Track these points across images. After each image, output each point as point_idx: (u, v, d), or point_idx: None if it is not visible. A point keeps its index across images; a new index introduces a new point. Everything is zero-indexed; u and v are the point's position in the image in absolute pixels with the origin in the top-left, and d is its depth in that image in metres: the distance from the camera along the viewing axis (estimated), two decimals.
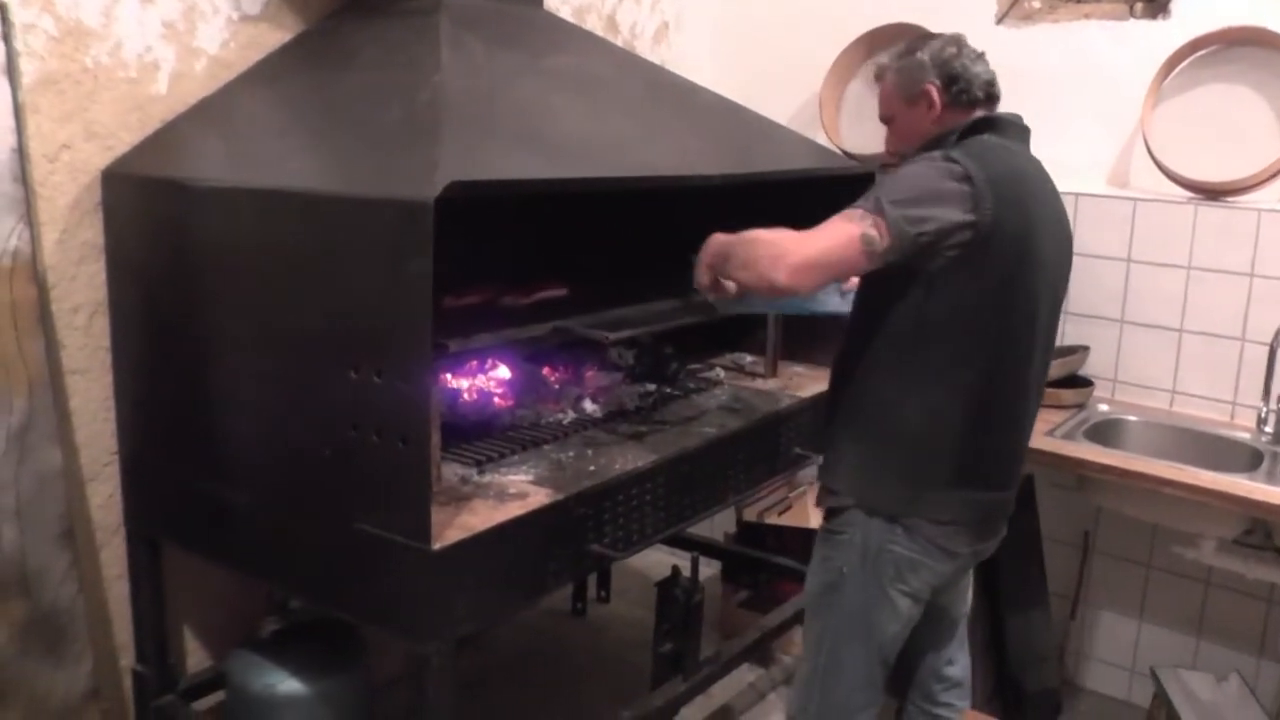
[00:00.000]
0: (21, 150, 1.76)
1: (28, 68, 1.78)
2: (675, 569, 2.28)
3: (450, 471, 1.79)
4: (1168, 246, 2.57)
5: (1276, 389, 2.41)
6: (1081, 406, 2.63)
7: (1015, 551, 2.08)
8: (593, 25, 2.92)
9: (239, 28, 2.07)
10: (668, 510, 1.94)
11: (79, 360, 1.94)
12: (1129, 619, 2.79)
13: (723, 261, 1.65)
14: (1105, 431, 2.53)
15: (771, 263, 1.57)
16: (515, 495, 1.72)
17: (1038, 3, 2.76)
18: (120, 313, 1.94)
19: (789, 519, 2.91)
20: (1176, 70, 2.57)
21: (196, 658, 2.24)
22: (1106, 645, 2.84)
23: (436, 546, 1.50)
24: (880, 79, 1.86)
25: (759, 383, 2.48)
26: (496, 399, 2.12)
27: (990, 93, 1.78)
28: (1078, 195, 2.63)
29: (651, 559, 2.95)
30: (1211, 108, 2.55)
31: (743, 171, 2.11)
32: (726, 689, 2.67)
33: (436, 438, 1.64)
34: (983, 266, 1.63)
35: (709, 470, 2.05)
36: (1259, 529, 2.34)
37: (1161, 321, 2.62)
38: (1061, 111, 2.67)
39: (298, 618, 2.10)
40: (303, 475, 1.67)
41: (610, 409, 2.19)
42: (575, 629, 3.00)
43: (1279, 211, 2.44)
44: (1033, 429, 1.85)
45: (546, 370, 2.32)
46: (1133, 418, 2.61)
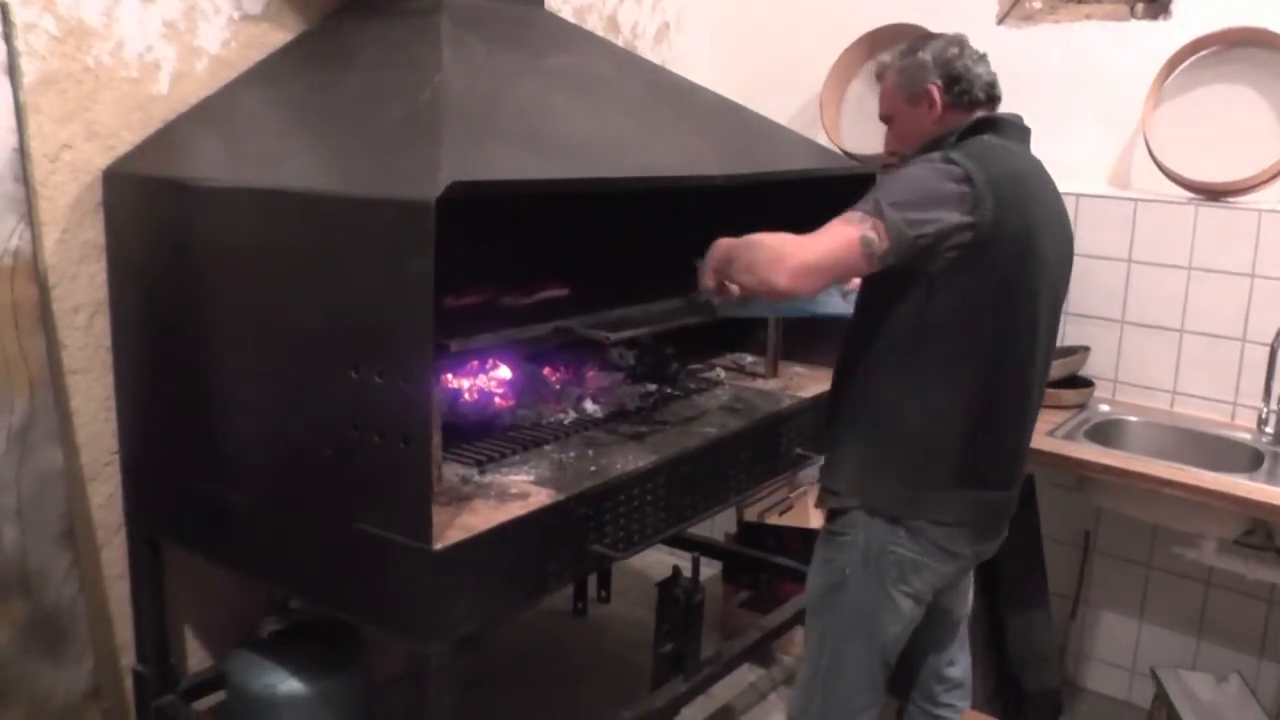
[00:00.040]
0: (23, 150, 1.76)
1: (29, 67, 1.78)
2: (676, 569, 2.28)
3: (451, 471, 1.79)
4: (1168, 247, 2.57)
5: (1277, 389, 2.40)
6: (1082, 407, 2.63)
7: (1016, 552, 2.08)
8: (593, 25, 2.92)
9: (240, 27, 2.07)
10: (668, 510, 1.94)
11: (80, 360, 1.94)
12: (1129, 619, 2.79)
13: (727, 265, 1.65)
14: (1106, 432, 2.53)
15: (772, 266, 1.57)
16: (516, 495, 1.72)
17: (1039, 3, 2.76)
18: (121, 312, 1.94)
19: (790, 519, 2.91)
20: (1177, 71, 2.57)
21: (197, 658, 2.24)
22: (1107, 645, 2.84)
23: (437, 547, 1.50)
24: (881, 78, 1.85)
25: (760, 383, 2.48)
26: (497, 399, 2.12)
27: (991, 94, 1.78)
28: (1078, 196, 2.63)
29: (652, 559, 2.95)
30: (1212, 108, 2.55)
31: (743, 172, 2.11)
32: (727, 689, 2.67)
33: (437, 438, 1.64)
34: (983, 267, 1.63)
35: (710, 470, 2.04)
36: (1259, 529, 2.34)
37: (1162, 322, 2.62)
38: (1062, 112, 2.67)
39: (298, 618, 2.10)
40: (303, 475, 1.67)
41: (611, 409, 2.19)
42: (576, 629, 3.00)
43: (1279, 212, 2.44)
44: (1034, 429, 1.85)
45: (547, 370, 2.32)
46: (1133, 418, 2.61)
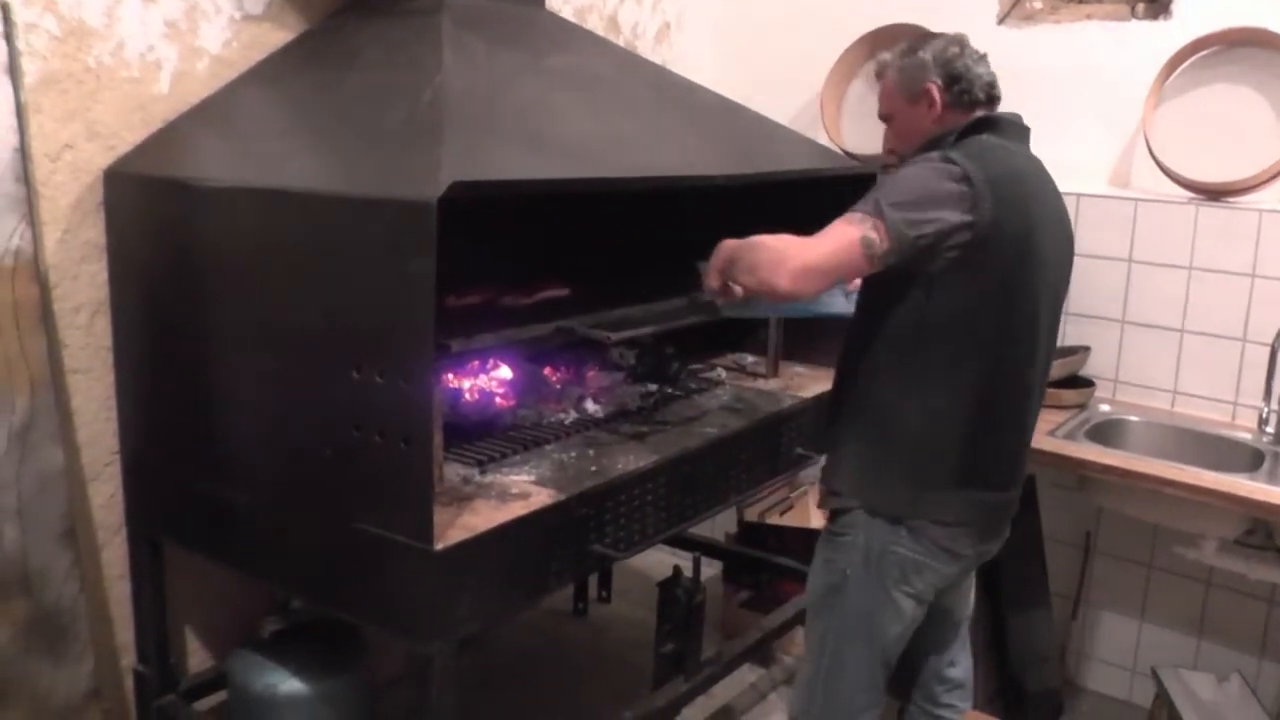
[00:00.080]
0: (24, 150, 1.76)
1: (30, 67, 1.78)
2: (677, 569, 2.28)
3: (452, 472, 1.79)
4: (1169, 247, 2.57)
5: (1277, 389, 2.40)
6: (1083, 407, 2.63)
7: (1016, 552, 2.08)
8: (594, 25, 2.92)
9: (241, 27, 2.07)
10: (669, 510, 1.94)
11: (81, 360, 1.94)
12: (1130, 619, 2.79)
13: (730, 266, 1.65)
14: (1106, 432, 2.53)
15: (773, 268, 1.57)
16: (517, 495, 1.72)
17: (1039, 3, 2.76)
18: (122, 312, 1.94)
19: (790, 519, 2.91)
20: (1178, 71, 2.57)
21: (198, 658, 2.24)
22: (1108, 645, 2.83)
23: (439, 547, 1.50)
24: (881, 76, 1.86)
25: (760, 383, 2.47)
26: (498, 399, 2.12)
27: (991, 94, 1.79)
28: (1079, 195, 2.63)
29: (653, 559, 2.95)
30: (1213, 108, 2.55)
31: (744, 172, 2.11)
32: (728, 689, 2.67)
33: (439, 438, 1.64)
34: (982, 267, 1.63)
35: (710, 470, 2.04)
36: (1260, 529, 2.34)
37: (1163, 322, 2.62)
38: (1063, 112, 2.67)
39: (299, 618, 2.10)
40: (304, 475, 1.67)
41: (612, 409, 2.19)
42: (577, 629, 3.00)
43: (1279, 212, 2.44)
44: (1035, 429, 1.85)
45: (548, 370, 2.32)
46: (1134, 418, 2.61)
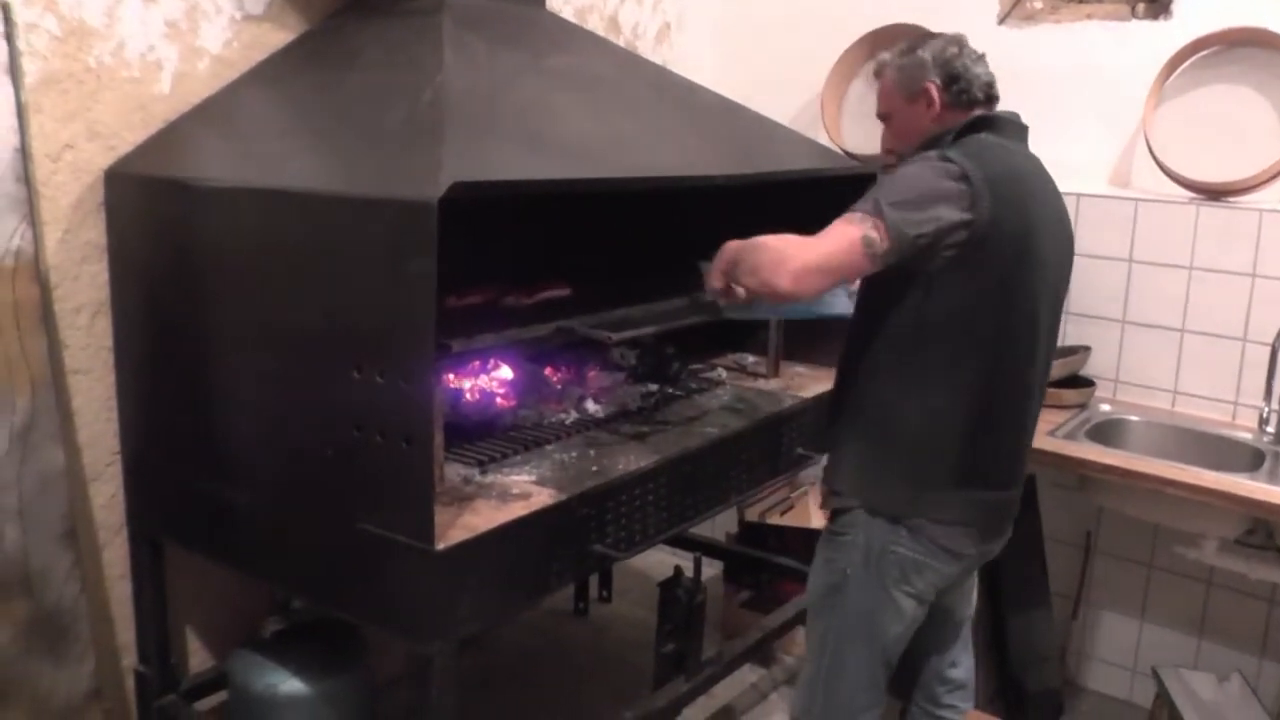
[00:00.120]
0: (24, 150, 1.76)
1: (30, 67, 1.78)
2: (677, 569, 2.28)
3: (453, 472, 1.79)
4: (1169, 247, 2.57)
5: (1278, 389, 2.40)
6: (1083, 406, 2.63)
7: (1017, 551, 2.08)
8: (594, 25, 2.92)
9: (242, 27, 2.07)
10: (670, 510, 1.94)
11: (81, 360, 1.94)
12: (1131, 619, 2.79)
13: (733, 268, 1.65)
14: (1107, 431, 2.53)
15: (774, 269, 1.57)
16: (518, 495, 1.71)
17: (1039, 3, 2.76)
18: (123, 313, 1.94)
19: (791, 519, 2.91)
20: (1178, 71, 2.57)
21: (199, 658, 2.24)
22: (1108, 645, 2.84)
23: (440, 547, 1.50)
24: (880, 75, 1.86)
25: (761, 383, 2.47)
26: (499, 399, 2.11)
27: (990, 94, 1.79)
28: (1079, 195, 2.63)
29: (653, 559, 2.95)
30: (1213, 108, 2.55)
31: (745, 172, 2.11)
32: (728, 689, 2.67)
33: (439, 438, 1.64)
34: (981, 266, 1.63)
35: (711, 470, 2.04)
36: (1261, 529, 2.34)
37: (1163, 322, 2.62)
38: (1063, 112, 2.67)
39: (300, 618, 2.10)
40: (305, 475, 1.67)
41: (613, 409, 2.19)
42: (577, 629, 3.00)
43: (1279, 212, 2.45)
44: (1036, 428, 1.85)
45: (549, 370, 2.32)
46: (1134, 418, 2.61)
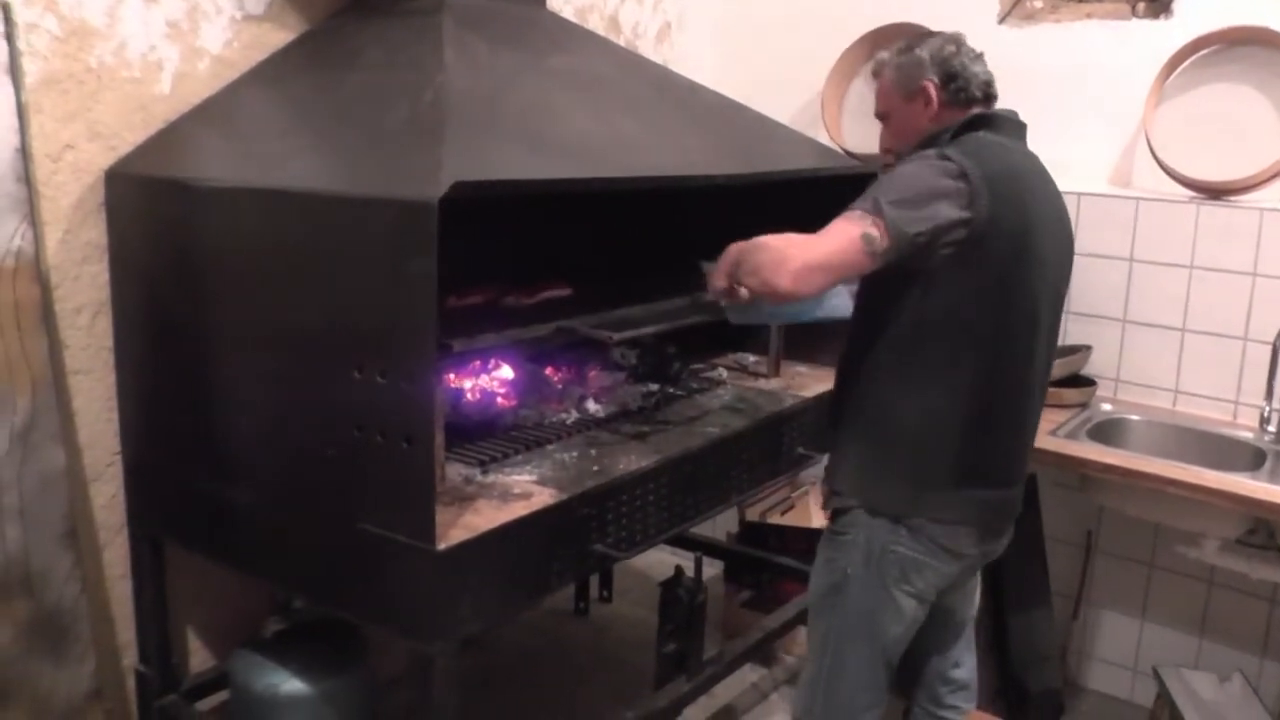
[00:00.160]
0: (25, 150, 1.76)
1: (31, 67, 1.78)
2: (678, 569, 2.28)
3: (454, 472, 1.79)
4: (1170, 246, 2.57)
5: (1279, 388, 2.40)
6: (1084, 406, 2.63)
7: (1018, 551, 2.08)
8: (595, 25, 2.92)
9: (242, 27, 2.07)
10: (671, 510, 1.94)
11: (82, 360, 1.94)
12: (1132, 619, 2.78)
13: (736, 269, 1.65)
14: (1108, 431, 2.53)
15: (775, 268, 1.56)
16: (519, 495, 1.71)
17: (1040, 2, 2.76)
18: (123, 313, 1.94)
19: (791, 519, 2.91)
20: (1179, 70, 2.57)
21: (199, 658, 2.24)
22: (1109, 645, 2.83)
23: (441, 547, 1.50)
24: (878, 75, 1.85)
25: (762, 382, 2.47)
26: (500, 399, 2.12)
27: (988, 92, 1.78)
28: (1080, 195, 2.63)
29: (653, 559, 2.95)
30: (1213, 107, 2.55)
31: (745, 171, 2.11)
32: (729, 689, 2.67)
33: (440, 438, 1.64)
34: (979, 264, 1.63)
35: (712, 470, 2.04)
36: (1262, 529, 2.34)
37: (1164, 321, 2.62)
38: (1063, 111, 2.67)
39: (300, 618, 2.10)
40: (306, 475, 1.67)
41: (613, 409, 2.19)
42: (578, 629, 3.00)
43: None
44: (1037, 428, 1.85)
45: (550, 370, 2.32)
46: (1135, 417, 2.61)
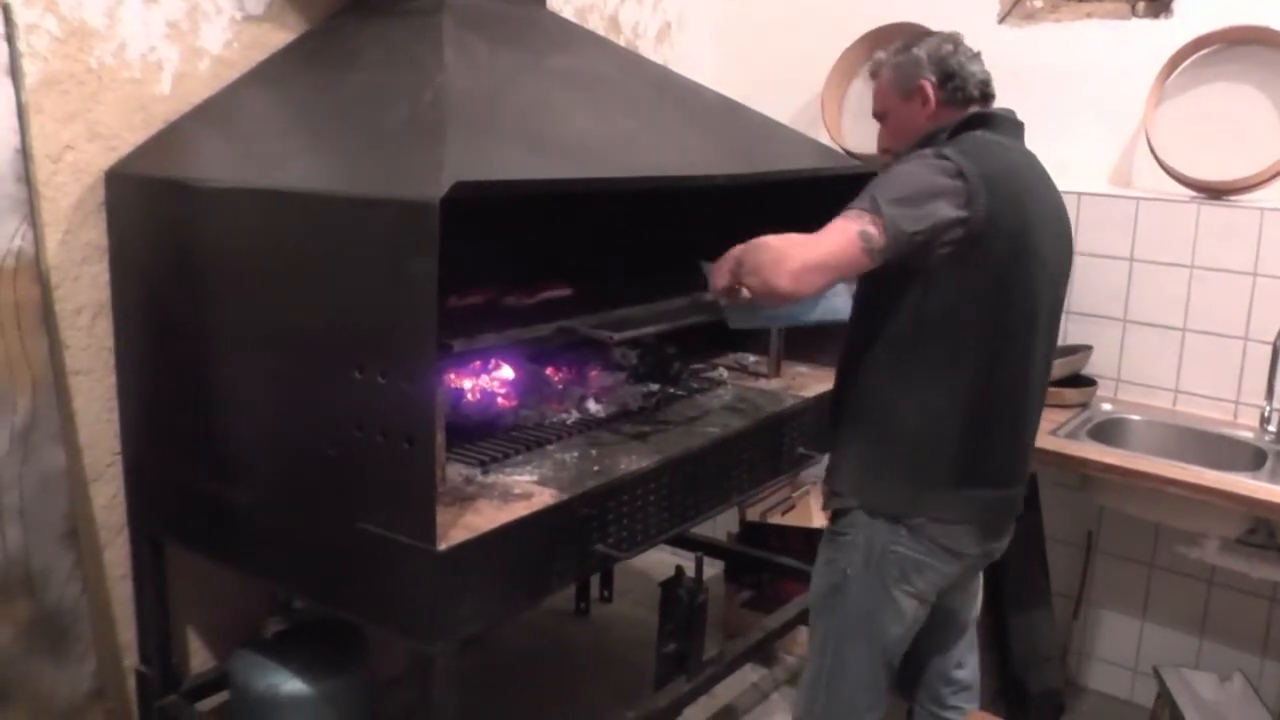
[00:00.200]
0: (25, 151, 1.76)
1: (31, 68, 1.78)
2: (679, 569, 2.28)
3: (454, 472, 1.79)
4: (1170, 246, 2.57)
5: (1279, 388, 2.40)
6: (1085, 406, 2.63)
7: (1018, 551, 2.08)
8: (595, 25, 2.92)
9: (242, 28, 2.07)
10: (671, 510, 1.94)
11: (82, 361, 1.94)
12: (1132, 618, 2.78)
13: (738, 268, 1.65)
14: (1108, 431, 2.53)
15: (774, 268, 1.57)
16: (520, 496, 1.71)
17: (1040, 2, 2.76)
18: (123, 313, 1.94)
19: (792, 519, 2.91)
20: (1179, 69, 2.57)
21: (200, 658, 2.24)
22: (1110, 645, 2.83)
23: (441, 547, 1.50)
24: (876, 75, 1.86)
25: (762, 382, 2.47)
26: (500, 399, 2.12)
27: (985, 91, 1.78)
28: (1080, 194, 2.63)
29: (654, 559, 2.95)
30: (1214, 107, 2.55)
31: (746, 171, 2.11)
32: (730, 689, 2.67)
33: (441, 438, 1.64)
34: (977, 264, 1.63)
35: (713, 470, 2.04)
36: (1262, 528, 2.34)
37: (1164, 321, 2.61)
38: (1064, 111, 2.67)
39: (301, 618, 2.10)
40: (307, 475, 1.67)
41: (614, 409, 2.19)
42: (579, 629, 3.00)
43: None
44: (1038, 427, 1.85)
45: (550, 370, 2.32)
46: (1136, 417, 2.60)
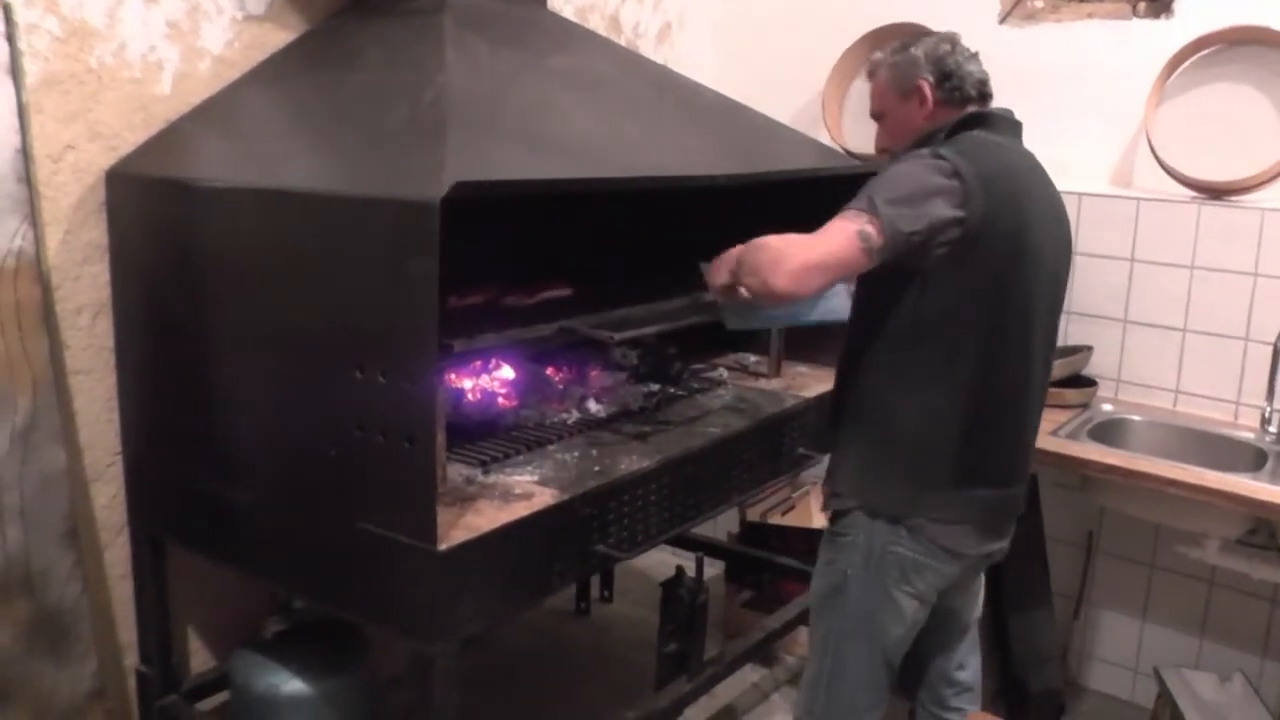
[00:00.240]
0: (25, 151, 1.76)
1: (31, 68, 1.78)
2: (679, 569, 2.28)
3: (455, 472, 1.79)
4: (1171, 246, 2.57)
5: None
6: (1085, 406, 2.63)
7: (1019, 552, 2.08)
8: (595, 25, 2.92)
9: (243, 27, 2.07)
10: (672, 510, 1.94)
11: (82, 360, 1.94)
12: (1133, 619, 2.78)
13: (738, 267, 1.65)
14: (1109, 431, 2.53)
15: (772, 268, 1.57)
16: (520, 496, 1.71)
17: (1040, 2, 2.76)
18: (124, 313, 1.94)
19: (792, 519, 2.91)
20: (1179, 70, 2.57)
21: (200, 658, 2.24)
22: (1110, 645, 2.83)
23: (442, 547, 1.50)
24: (873, 75, 1.86)
25: (763, 382, 2.47)
26: (501, 399, 2.12)
27: (983, 91, 1.78)
28: (1081, 195, 2.63)
29: (654, 559, 2.95)
30: (1214, 107, 2.55)
31: (746, 171, 2.11)
32: (730, 689, 2.67)
33: (441, 438, 1.64)
34: (974, 264, 1.63)
35: (713, 470, 2.04)
36: (1263, 529, 2.34)
37: (1165, 321, 2.61)
38: (1064, 111, 2.67)
39: (301, 618, 2.10)
40: (307, 475, 1.67)
41: (614, 409, 2.19)
42: (579, 629, 3.00)
43: None
44: (1038, 427, 1.85)
45: (551, 370, 2.32)
46: (1136, 417, 2.60)
